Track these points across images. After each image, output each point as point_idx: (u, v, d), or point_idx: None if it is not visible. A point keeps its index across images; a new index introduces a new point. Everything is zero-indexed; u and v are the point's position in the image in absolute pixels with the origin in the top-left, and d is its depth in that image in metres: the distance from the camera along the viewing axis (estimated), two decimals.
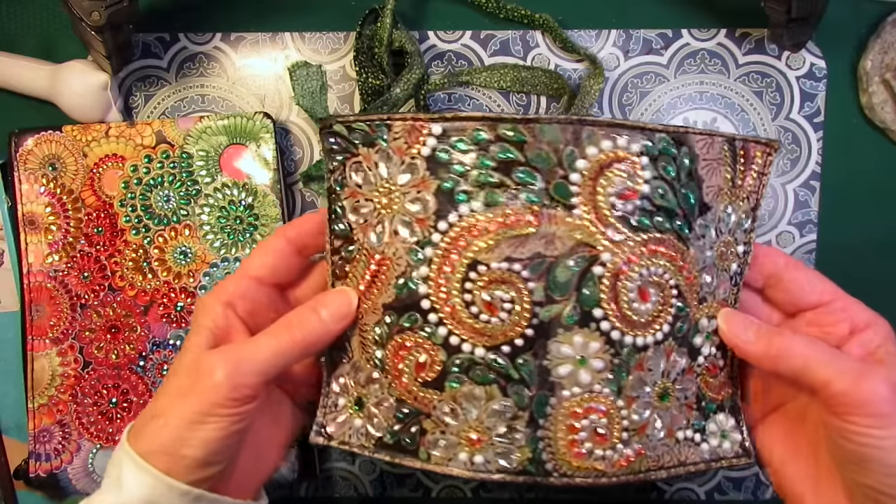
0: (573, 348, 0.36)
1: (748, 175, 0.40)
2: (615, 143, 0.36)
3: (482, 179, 0.36)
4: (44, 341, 0.50)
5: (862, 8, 0.51)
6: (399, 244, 0.37)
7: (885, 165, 0.52)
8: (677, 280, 0.37)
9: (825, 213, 0.51)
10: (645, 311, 0.37)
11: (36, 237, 0.50)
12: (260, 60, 0.51)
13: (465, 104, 0.51)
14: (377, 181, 0.38)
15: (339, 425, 0.41)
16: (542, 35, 0.51)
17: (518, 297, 0.36)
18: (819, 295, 0.40)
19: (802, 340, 0.36)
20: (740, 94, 0.51)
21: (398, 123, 0.37)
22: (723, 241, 0.39)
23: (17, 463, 0.51)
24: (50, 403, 0.50)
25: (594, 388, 0.36)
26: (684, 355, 0.39)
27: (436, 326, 0.37)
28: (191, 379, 0.37)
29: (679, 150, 0.37)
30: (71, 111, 0.49)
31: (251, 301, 0.40)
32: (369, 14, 0.49)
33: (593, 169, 0.36)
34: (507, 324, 0.36)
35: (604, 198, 0.36)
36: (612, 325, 0.36)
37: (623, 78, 0.51)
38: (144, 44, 0.51)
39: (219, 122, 0.49)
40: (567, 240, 0.36)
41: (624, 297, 0.36)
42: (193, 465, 0.36)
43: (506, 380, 0.37)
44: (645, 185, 0.36)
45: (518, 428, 0.37)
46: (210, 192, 0.50)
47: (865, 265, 0.52)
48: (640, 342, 0.37)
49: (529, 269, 0.36)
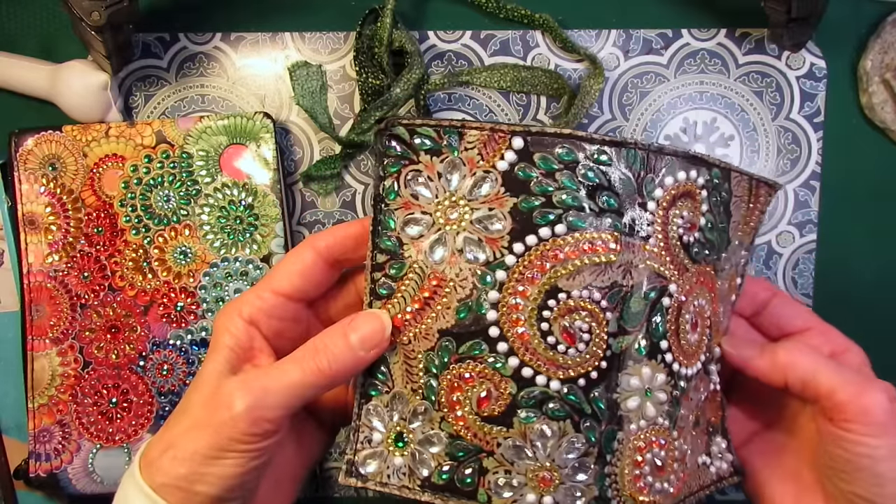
0: (641, 380, 0.35)
1: (755, 212, 0.41)
2: (688, 175, 0.36)
3: (567, 202, 0.34)
4: (44, 341, 0.50)
5: (862, 8, 0.51)
6: (464, 264, 0.35)
7: (885, 165, 0.52)
8: (710, 311, 0.38)
9: (825, 213, 0.51)
10: (694, 342, 0.37)
11: (36, 237, 0.50)
12: (260, 60, 0.51)
13: (465, 104, 0.51)
14: (440, 194, 0.35)
15: (375, 464, 0.36)
16: (542, 35, 0.51)
17: (597, 326, 0.34)
18: (803, 322, 0.41)
19: (805, 352, 0.38)
20: (740, 94, 0.51)
21: (474, 132, 0.34)
22: (731, 273, 0.40)
23: (17, 463, 0.51)
24: (50, 403, 0.50)
25: (657, 421, 0.36)
26: (706, 384, 0.39)
27: (505, 357, 0.34)
28: (208, 409, 0.34)
29: (723, 185, 0.38)
30: (71, 111, 0.49)
31: (278, 319, 0.37)
32: (369, 14, 0.49)
33: (667, 199, 0.35)
34: (584, 355, 0.34)
35: (674, 228, 0.36)
36: (674, 357, 0.36)
37: (623, 78, 0.51)
38: (144, 44, 0.51)
39: (219, 122, 0.49)
40: (643, 269, 0.35)
41: (683, 327, 0.36)
42: (208, 501, 0.33)
43: (579, 415, 0.34)
44: (702, 218, 0.36)
45: (588, 465, 0.35)
46: (210, 192, 0.50)
47: (865, 265, 0.52)
48: (690, 373, 0.37)
49: (608, 298, 0.34)
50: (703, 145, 0.51)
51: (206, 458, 0.33)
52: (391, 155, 0.36)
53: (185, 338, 0.50)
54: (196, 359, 0.50)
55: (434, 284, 0.35)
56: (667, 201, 0.35)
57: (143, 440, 0.50)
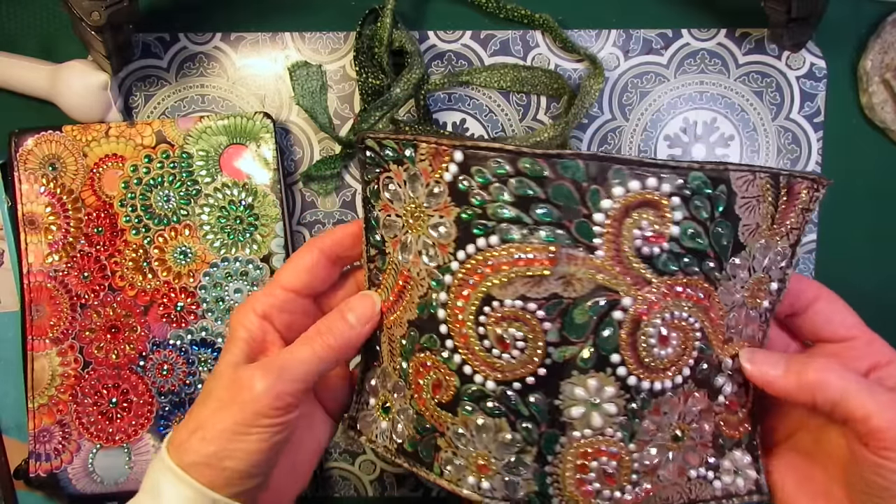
0: (587, 391, 0.35)
1: (791, 212, 0.38)
2: (644, 184, 0.34)
3: (499, 214, 0.35)
4: (44, 341, 0.50)
5: (862, 8, 0.51)
6: (422, 265, 0.37)
7: (885, 165, 0.52)
8: (702, 323, 0.36)
9: (825, 213, 0.51)
10: (664, 356, 0.36)
11: (36, 237, 0.50)
12: (260, 60, 0.51)
13: (465, 104, 0.51)
14: (406, 199, 0.38)
15: (368, 424, 0.41)
16: (542, 35, 0.51)
17: (532, 336, 0.35)
18: (847, 330, 0.38)
19: (837, 371, 0.35)
20: (740, 94, 0.51)
21: (423, 145, 0.36)
22: (755, 279, 0.38)
23: (17, 463, 0.51)
24: (50, 403, 0.50)
25: (606, 432, 0.36)
26: (704, 396, 0.38)
27: (451, 353, 0.37)
28: (231, 391, 0.37)
29: (715, 189, 0.35)
30: (71, 111, 0.49)
31: (288, 313, 0.40)
32: (369, 14, 0.49)
33: (619, 210, 0.34)
34: (519, 362, 0.35)
35: (628, 241, 0.34)
36: (629, 371, 0.35)
37: (623, 78, 0.51)
38: (144, 44, 0.51)
39: (219, 122, 0.49)
40: (587, 282, 0.34)
41: (643, 343, 0.35)
42: (235, 477, 0.36)
43: (515, 415, 0.36)
44: (674, 227, 0.34)
45: (526, 461, 0.36)
46: (210, 192, 0.50)
47: (865, 265, 0.52)
48: (657, 387, 0.36)
49: (545, 309, 0.35)
50: (703, 145, 0.51)
51: (233, 435, 0.36)
52: (368, 163, 0.40)
53: (185, 338, 0.50)
54: (196, 359, 0.50)
55: (403, 280, 0.38)
56: (618, 212, 0.34)
57: (143, 440, 0.50)
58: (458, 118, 0.51)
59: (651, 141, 0.51)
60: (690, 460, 0.38)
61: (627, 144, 0.51)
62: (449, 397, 0.37)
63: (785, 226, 0.38)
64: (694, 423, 0.38)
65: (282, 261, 0.50)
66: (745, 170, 0.35)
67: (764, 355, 0.37)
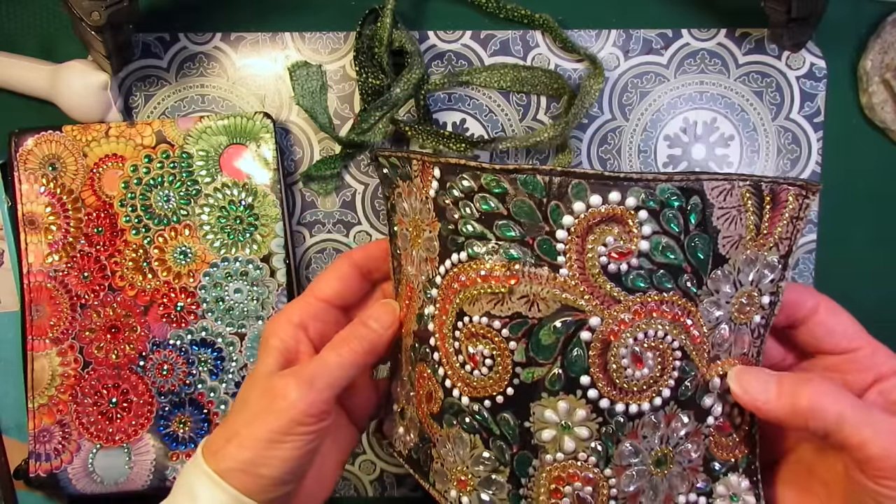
0: (557, 414, 0.34)
1: (778, 221, 0.35)
2: (606, 199, 0.33)
3: (466, 230, 0.35)
4: (44, 341, 0.50)
5: (862, 8, 0.51)
6: (420, 278, 0.38)
7: (885, 165, 0.52)
8: (682, 341, 0.34)
9: (825, 213, 0.51)
10: (640, 377, 0.34)
11: (36, 237, 0.50)
12: (260, 60, 0.51)
13: (465, 104, 0.51)
14: (410, 214, 0.39)
15: (391, 428, 0.43)
16: (542, 35, 0.51)
17: (499, 354, 0.34)
18: (849, 341, 0.37)
19: (832, 395, 0.33)
20: (740, 94, 0.51)
21: (415, 161, 0.37)
22: (743, 294, 0.36)
23: (17, 463, 0.51)
24: (50, 403, 0.50)
25: (579, 456, 0.35)
26: (690, 419, 0.36)
27: (437, 365, 0.37)
28: (266, 400, 0.38)
29: (688, 201, 0.33)
30: (71, 111, 0.49)
31: (322, 322, 0.42)
32: (369, 14, 0.49)
33: (581, 226, 0.33)
34: (489, 379, 0.35)
35: (593, 258, 0.33)
36: (601, 393, 0.34)
37: (623, 78, 0.51)
38: (144, 44, 0.51)
39: (219, 122, 0.49)
40: (551, 302, 0.33)
41: (614, 364, 0.34)
42: (270, 484, 0.37)
43: (487, 433, 0.36)
44: (643, 242, 0.33)
45: (500, 481, 0.36)
46: (210, 192, 0.50)
47: (865, 265, 0.52)
48: (633, 410, 0.34)
49: (509, 328, 0.34)
50: (703, 145, 0.51)
51: (269, 443, 0.37)
52: (384, 179, 0.41)
53: (185, 338, 0.50)
54: (196, 359, 0.50)
55: (409, 291, 0.39)
56: (581, 228, 0.33)
57: (143, 440, 0.50)
58: (458, 118, 0.51)
59: (651, 141, 0.51)
60: (678, 486, 0.36)
61: (627, 144, 0.51)
62: (437, 409, 0.38)
63: (773, 236, 0.36)
64: (680, 446, 0.36)
65: (282, 261, 0.50)
66: (720, 179, 0.34)
67: (753, 376, 0.35)
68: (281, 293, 0.50)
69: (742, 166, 0.51)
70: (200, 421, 0.50)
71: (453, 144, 0.49)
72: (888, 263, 0.52)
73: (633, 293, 0.33)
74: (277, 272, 0.50)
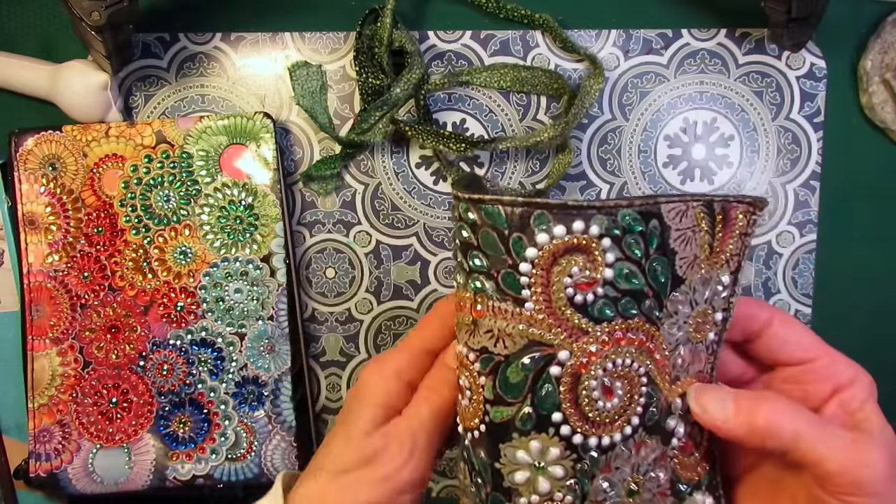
0: (530, 455, 0.33)
1: (728, 238, 0.35)
2: (570, 228, 0.32)
3: (456, 257, 0.34)
4: (44, 341, 0.50)
5: (862, 8, 0.51)
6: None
7: (885, 165, 0.52)
8: (647, 367, 0.34)
9: (825, 213, 0.51)
10: (610, 408, 0.33)
11: (36, 237, 0.50)
12: (260, 60, 0.51)
13: (465, 104, 0.51)
14: None
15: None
16: (542, 35, 0.51)
17: (473, 387, 0.34)
18: (804, 352, 0.36)
19: (788, 413, 0.33)
20: (740, 94, 0.51)
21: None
22: (699, 313, 0.35)
23: (17, 463, 0.51)
24: (50, 403, 0.50)
25: (555, 497, 0.33)
26: (657, 443, 0.35)
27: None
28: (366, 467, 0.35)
29: (647, 225, 0.33)
30: (71, 111, 0.49)
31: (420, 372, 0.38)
32: (369, 14, 0.49)
33: (546, 258, 0.32)
34: (469, 411, 0.34)
35: (559, 290, 0.32)
36: (574, 429, 0.33)
37: (623, 78, 0.51)
38: (144, 44, 0.51)
39: (219, 122, 0.49)
40: (518, 338, 0.32)
41: (586, 397, 0.33)
42: None
43: (470, 466, 0.35)
44: (608, 270, 0.32)
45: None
46: (210, 192, 0.50)
47: (865, 265, 0.52)
48: (605, 442, 0.33)
49: (480, 361, 0.33)
50: (703, 145, 0.51)
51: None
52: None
53: (185, 338, 0.50)
54: (196, 359, 0.50)
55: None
56: (545, 261, 0.32)
57: (143, 440, 0.50)
58: (458, 118, 0.51)
59: (651, 141, 0.51)
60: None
61: (627, 144, 0.51)
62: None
63: (724, 254, 0.35)
64: (650, 472, 0.35)
65: (282, 261, 0.50)
66: (676, 200, 0.33)
67: (712, 395, 0.35)
68: (281, 293, 0.50)
69: (742, 166, 0.51)
70: (200, 421, 0.50)
71: (453, 144, 0.49)
72: (888, 263, 0.52)
73: (599, 322, 0.33)
74: (277, 272, 0.50)
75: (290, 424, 0.50)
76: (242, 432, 0.50)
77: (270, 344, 0.50)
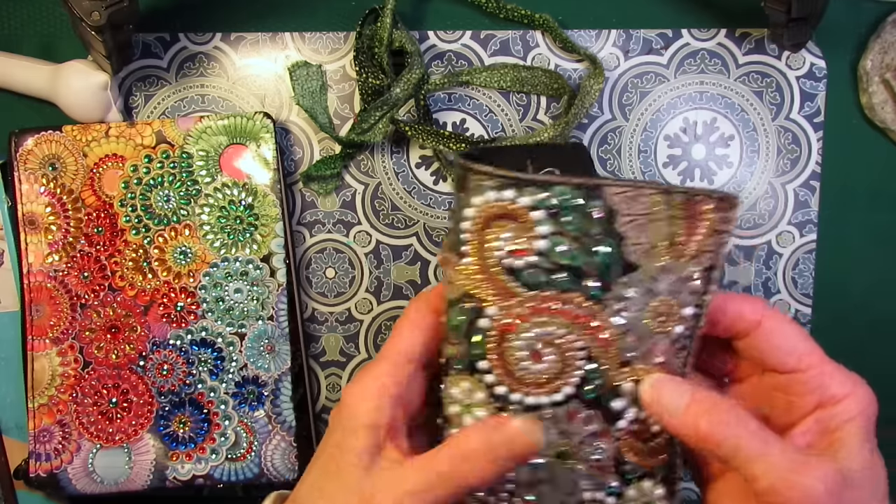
0: (462, 392, 0.36)
1: (696, 232, 0.35)
2: (500, 195, 0.34)
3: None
4: (44, 341, 0.50)
5: (862, 8, 0.51)
6: None
7: (885, 165, 0.52)
8: (587, 342, 0.35)
9: (825, 213, 0.51)
10: (538, 370, 0.35)
11: (36, 237, 0.50)
12: (260, 60, 0.51)
13: (465, 104, 0.51)
14: None
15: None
16: (542, 35, 0.51)
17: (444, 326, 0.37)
18: (796, 360, 0.34)
19: (731, 423, 0.32)
20: (740, 94, 0.51)
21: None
22: (659, 302, 0.35)
23: (17, 463, 0.51)
24: (50, 403, 0.50)
25: None
26: (599, 419, 0.36)
27: None
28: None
29: (588, 203, 0.34)
30: (71, 111, 0.49)
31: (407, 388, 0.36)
32: (369, 14, 0.49)
33: (480, 219, 0.34)
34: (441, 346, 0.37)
35: (491, 251, 0.34)
36: (498, 380, 0.35)
37: (623, 78, 0.51)
38: (144, 44, 0.51)
39: (219, 122, 0.49)
40: (457, 287, 0.35)
41: (511, 355, 0.35)
42: None
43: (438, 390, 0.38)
44: (541, 242, 0.34)
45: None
46: (210, 192, 0.50)
47: (865, 265, 0.52)
48: (530, 401, 0.35)
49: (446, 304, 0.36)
50: (703, 145, 0.51)
51: None
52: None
53: (185, 338, 0.50)
54: (196, 359, 0.50)
55: None
56: (479, 222, 0.34)
57: (143, 440, 0.50)
58: (458, 118, 0.51)
59: (651, 141, 0.51)
60: (584, 481, 0.37)
61: (627, 144, 0.51)
62: None
63: (689, 247, 0.35)
64: (585, 444, 0.36)
65: (282, 261, 0.50)
66: (626, 185, 0.34)
67: (671, 388, 0.34)
68: (281, 293, 0.50)
69: (742, 166, 0.51)
70: (200, 421, 0.50)
71: (453, 144, 0.49)
72: (888, 263, 0.52)
73: (531, 289, 0.34)
74: (277, 272, 0.50)
75: (290, 424, 0.50)
76: (242, 432, 0.50)
77: (270, 344, 0.50)
